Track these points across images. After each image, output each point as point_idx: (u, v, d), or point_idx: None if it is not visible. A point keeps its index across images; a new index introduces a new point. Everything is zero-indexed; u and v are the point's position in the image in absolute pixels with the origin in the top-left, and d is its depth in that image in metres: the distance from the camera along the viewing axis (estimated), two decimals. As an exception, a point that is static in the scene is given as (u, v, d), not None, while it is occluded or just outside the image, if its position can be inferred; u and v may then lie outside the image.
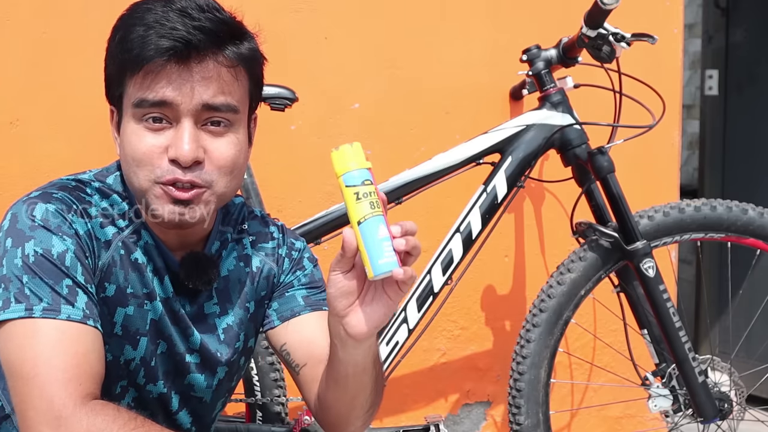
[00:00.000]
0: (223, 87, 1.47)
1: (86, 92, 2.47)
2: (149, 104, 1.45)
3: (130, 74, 1.46)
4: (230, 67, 1.48)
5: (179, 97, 1.45)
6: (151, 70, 1.44)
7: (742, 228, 2.51)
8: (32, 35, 2.45)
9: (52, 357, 1.39)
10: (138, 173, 1.48)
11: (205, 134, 1.47)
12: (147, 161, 1.46)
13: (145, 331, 1.55)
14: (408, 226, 1.38)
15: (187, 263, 1.56)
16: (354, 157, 1.34)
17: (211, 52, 1.46)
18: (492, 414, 2.89)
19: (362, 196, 1.33)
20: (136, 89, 1.46)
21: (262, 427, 2.26)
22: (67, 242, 1.45)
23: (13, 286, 1.42)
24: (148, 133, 1.47)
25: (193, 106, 1.45)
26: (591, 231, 2.44)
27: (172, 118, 1.46)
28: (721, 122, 4.15)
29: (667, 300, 2.42)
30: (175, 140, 1.45)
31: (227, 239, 1.64)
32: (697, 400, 2.43)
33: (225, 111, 1.48)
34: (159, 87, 1.45)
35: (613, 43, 2.36)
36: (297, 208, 2.62)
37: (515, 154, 2.43)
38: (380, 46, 2.71)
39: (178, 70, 1.45)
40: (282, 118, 2.37)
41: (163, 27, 1.44)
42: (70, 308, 1.42)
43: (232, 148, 1.49)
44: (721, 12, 4.13)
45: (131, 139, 1.48)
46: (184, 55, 1.44)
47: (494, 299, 2.84)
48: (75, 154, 2.48)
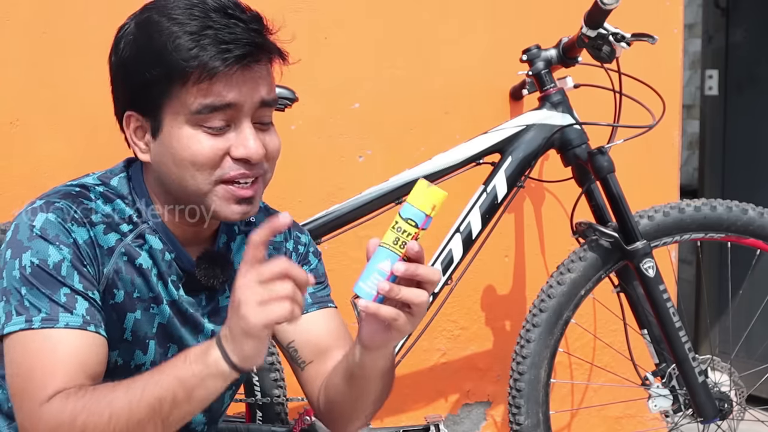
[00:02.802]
0: (272, 83, 1.51)
1: (86, 92, 2.47)
2: (213, 109, 1.45)
3: (192, 84, 1.44)
4: (270, 65, 1.51)
5: (242, 98, 1.46)
6: (218, 78, 1.44)
7: (742, 228, 2.51)
8: (32, 35, 2.45)
9: (56, 366, 1.40)
10: (197, 176, 1.48)
11: (258, 131, 1.50)
12: (209, 164, 1.47)
13: (153, 335, 1.55)
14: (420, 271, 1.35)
15: (203, 262, 1.57)
16: (423, 197, 1.35)
17: (263, 54, 1.48)
18: (492, 414, 2.89)
19: (396, 229, 1.35)
20: (198, 97, 1.45)
21: (262, 427, 2.26)
22: (64, 251, 1.45)
23: (13, 298, 1.44)
24: (208, 137, 1.47)
25: (254, 105, 1.48)
26: (591, 231, 2.44)
27: (231, 120, 1.47)
28: (721, 122, 4.15)
29: (667, 300, 2.42)
30: (241, 140, 1.47)
31: (234, 232, 1.65)
32: (697, 400, 2.43)
33: (273, 106, 1.52)
34: (225, 92, 1.45)
35: (613, 43, 2.36)
36: (297, 208, 2.61)
37: (515, 154, 2.43)
38: (380, 46, 2.71)
39: (242, 74, 1.46)
40: (282, 118, 2.37)
41: (218, 32, 1.43)
42: (69, 316, 1.43)
43: (276, 139, 1.54)
44: (721, 12, 4.13)
45: (190, 145, 1.46)
46: (243, 59, 1.44)
47: (494, 299, 2.84)
48: (75, 154, 2.48)
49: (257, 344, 1.32)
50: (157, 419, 1.35)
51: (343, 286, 2.65)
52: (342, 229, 2.40)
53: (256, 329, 1.30)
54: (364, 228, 2.55)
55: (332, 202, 2.45)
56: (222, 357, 1.34)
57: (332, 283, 2.65)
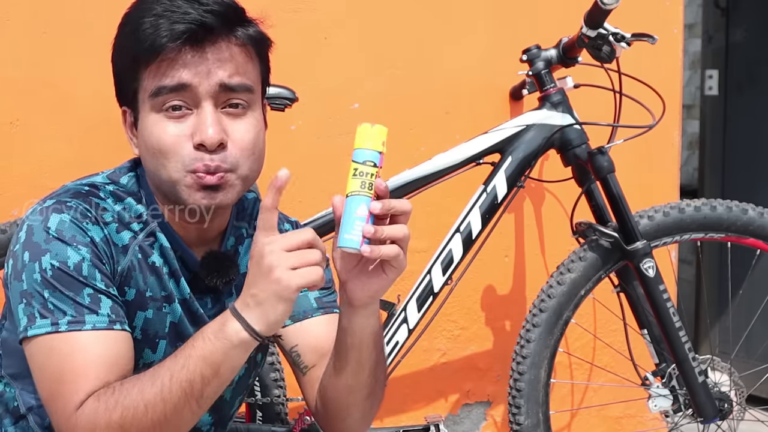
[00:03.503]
0: (237, 67, 1.48)
1: (87, 92, 2.48)
2: (167, 90, 1.46)
3: (145, 65, 1.47)
4: (242, 48, 1.49)
5: (196, 79, 1.45)
6: (166, 56, 1.45)
7: (742, 228, 2.51)
8: (32, 35, 2.45)
9: (87, 368, 1.41)
10: (167, 165, 1.48)
11: (226, 117, 1.48)
12: (174, 151, 1.47)
13: (165, 334, 1.55)
14: (393, 204, 1.40)
15: (207, 262, 1.57)
16: (371, 138, 1.41)
17: (223, 33, 1.47)
18: (492, 414, 2.89)
19: (358, 174, 1.41)
20: (153, 79, 1.46)
21: (262, 427, 2.26)
22: (82, 251, 1.45)
23: (35, 301, 1.44)
24: (170, 122, 1.47)
25: (211, 87, 1.46)
26: (591, 231, 2.44)
27: (191, 104, 1.47)
28: (721, 122, 4.15)
29: (667, 300, 2.42)
30: (198, 125, 1.46)
31: (242, 235, 1.65)
32: (697, 400, 2.43)
33: (242, 91, 1.49)
34: (175, 72, 1.45)
35: (613, 43, 2.36)
36: (297, 208, 2.61)
37: (515, 154, 2.43)
38: (380, 46, 2.71)
39: (193, 54, 1.45)
40: (282, 118, 2.37)
41: (174, 13, 1.45)
42: (95, 316, 1.44)
43: (252, 129, 1.51)
44: (721, 12, 4.13)
45: (153, 132, 1.48)
46: (199, 38, 1.45)
47: (494, 299, 2.84)
48: (76, 154, 2.48)
49: (287, 307, 1.36)
50: (192, 400, 1.39)
51: (343, 286, 2.66)
52: (342, 229, 2.40)
53: (290, 291, 1.34)
54: (364, 228, 2.55)
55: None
56: (243, 327, 1.37)
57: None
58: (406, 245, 1.41)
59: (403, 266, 1.42)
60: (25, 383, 1.56)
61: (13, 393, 1.59)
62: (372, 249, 1.37)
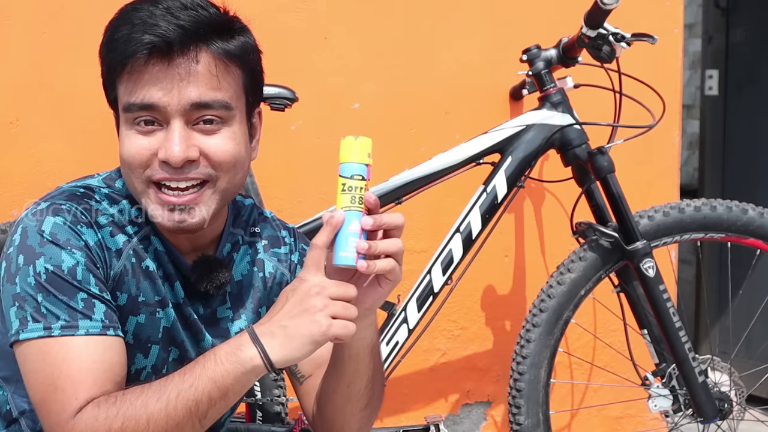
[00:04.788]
0: (211, 83, 1.44)
1: (86, 92, 2.47)
2: (137, 108, 1.44)
3: (118, 75, 1.46)
4: (218, 63, 1.45)
5: (165, 98, 1.43)
6: (134, 69, 1.43)
7: (742, 228, 2.51)
8: (32, 35, 2.45)
9: (81, 374, 1.40)
10: (131, 176, 1.48)
11: (198, 134, 1.45)
12: (138, 164, 1.45)
13: (157, 339, 1.54)
14: (384, 219, 1.39)
15: (198, 267, 1.56)
16: (356, 151, 1.38)
17: (194, 49, 1.43)
18: (492, 414, 2.89)
19: (347, 189, 1.38)
20: (124, 93, 1.46)
21: (262, 427, 2.26)
22: (77, 255, 1.44)
23: (28, 305, 1.42)
24: (139, 136, 1.46)
25: (182, 106, 1.43)
26: (591, 231, 2.44)
27: (162, 120, 1.45)
28: (721, 122, 4.15)
29: (667, 300, 2.42)
30: (165, 142, 1.44)
31: (238, 241, 1.64)
32: (697, 400, 2.43)
33: (216, 108, 1.45)
34: (144, 89, 1.43)
35: (613, 43, 2.36)
36: (297, 208, 2.61)
37: (515, 154, 2.43)
38: (380, 46, 2.71)
39: (161, 69, 1.43)
40: (282, 118, 2.37)
41: (145, 24, 1.43)
42: (88, 321, 1.43)
43: (228, 143, 1.47)
44: (721, 12, 4.13)
45: (124, 143, 1.47)
46: (165, 51, 1.42)
47: (494, 299, 2.84)
48: (75, 154, 2.48)
49: (313, 350, 1.37)
50: (195, 419, 1.39)
51: (343, 286, 2.66)
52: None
53: (324, 337, 1.35)
54: (364, 228, 2.54)
55: (332, 203, 2.44)
56: (259, 354, 1.37)
57: (332, 283, 2.65)
58: (401, 258, 1.41)
59: (398, 279, 1.42)
60: (17, 387, 1.54)
61: (5, 396, 1.57)
62: (368, 264, 1.37)
